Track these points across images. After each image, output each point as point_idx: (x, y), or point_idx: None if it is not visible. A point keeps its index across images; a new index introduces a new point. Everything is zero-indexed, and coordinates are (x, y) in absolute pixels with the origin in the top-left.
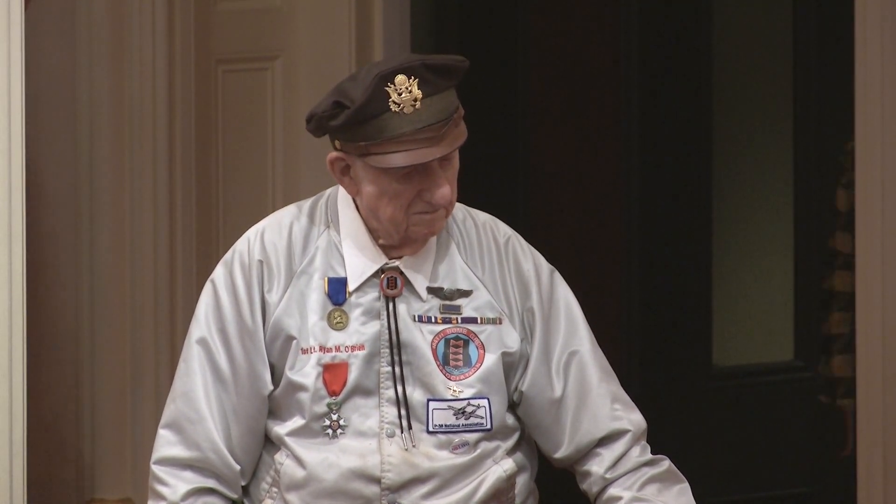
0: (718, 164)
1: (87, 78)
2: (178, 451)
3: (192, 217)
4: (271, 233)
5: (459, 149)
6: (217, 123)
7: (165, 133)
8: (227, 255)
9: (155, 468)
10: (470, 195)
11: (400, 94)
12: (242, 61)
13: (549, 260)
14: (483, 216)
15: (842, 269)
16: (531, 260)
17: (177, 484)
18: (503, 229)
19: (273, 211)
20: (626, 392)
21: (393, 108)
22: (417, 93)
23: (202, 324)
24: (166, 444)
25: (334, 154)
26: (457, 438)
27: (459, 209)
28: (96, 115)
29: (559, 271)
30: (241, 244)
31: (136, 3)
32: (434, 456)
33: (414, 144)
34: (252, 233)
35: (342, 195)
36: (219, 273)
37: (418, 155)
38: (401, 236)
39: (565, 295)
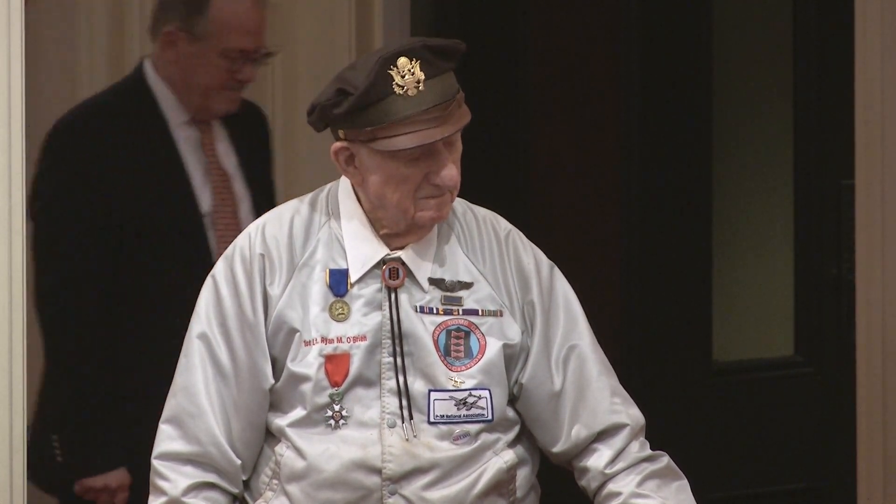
0: (718, 158)
1: (88, 76)
2: (179, 446)
3: None
4: (272, 227)
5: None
6: None
7: None
8: (228, 251)
9: (156, 463)
10: (470, 190)
11: (403, 77)
12: None
13: (548, 255)
14: (483, 211)
15: None
16: (531, 254)
17: (177, 479)
18: (503, 224)
19: (272, 205)
20: (626, 388)
21: (397, 90)
22: (420, 74)
23: (203, 319)
24: (167, 438)
25: (339, 144)
26: (458, 429)
27: (459, 203)
28: None
29: (558, 267)
30: (241, 239)
31: (137, 0)
32: (435, 447)
33: (420, 125)
34: (252, 228)
35: (343, 188)
36: (219, 268)
37: (425, 135)
38: (408, 223)
39: (564, 290)
